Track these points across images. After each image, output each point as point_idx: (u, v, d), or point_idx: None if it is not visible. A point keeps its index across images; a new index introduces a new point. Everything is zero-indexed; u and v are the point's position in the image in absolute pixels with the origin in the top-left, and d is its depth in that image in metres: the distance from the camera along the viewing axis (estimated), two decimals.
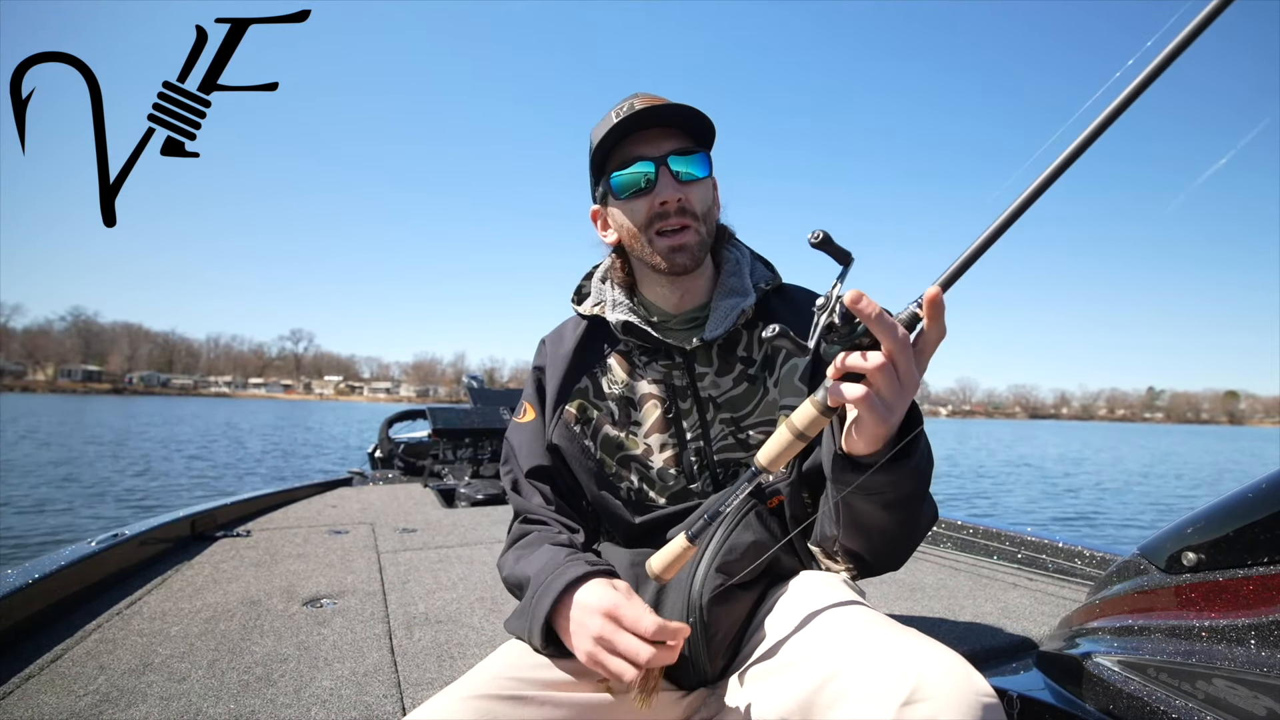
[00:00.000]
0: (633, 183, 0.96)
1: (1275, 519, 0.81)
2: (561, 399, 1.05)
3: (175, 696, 1.37)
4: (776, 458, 0.73)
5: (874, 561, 0.90)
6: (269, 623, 1.82)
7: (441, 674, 1.51)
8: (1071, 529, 9.98)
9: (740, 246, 1.10)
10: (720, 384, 1.01)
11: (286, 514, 3.43)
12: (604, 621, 0.77)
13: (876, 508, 0.79)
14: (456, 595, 2.12)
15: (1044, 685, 1.03)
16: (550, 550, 0.93)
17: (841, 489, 0.79)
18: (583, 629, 0.79)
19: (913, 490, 0.79)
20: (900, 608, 2.00)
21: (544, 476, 1.05)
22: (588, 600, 0.81)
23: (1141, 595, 0.98)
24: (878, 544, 0.86)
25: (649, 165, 0.95)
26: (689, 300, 1.04)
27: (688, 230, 0.97)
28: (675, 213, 0.96)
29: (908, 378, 0.67)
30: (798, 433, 0.71)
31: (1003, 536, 2.59)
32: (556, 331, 1.13)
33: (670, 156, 0.95)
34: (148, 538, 2.39)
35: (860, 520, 0.82)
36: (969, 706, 0.61)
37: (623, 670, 0.74)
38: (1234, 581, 0.85)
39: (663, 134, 0.96)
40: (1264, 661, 0.75)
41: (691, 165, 0.97)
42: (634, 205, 0.97)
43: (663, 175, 0.95)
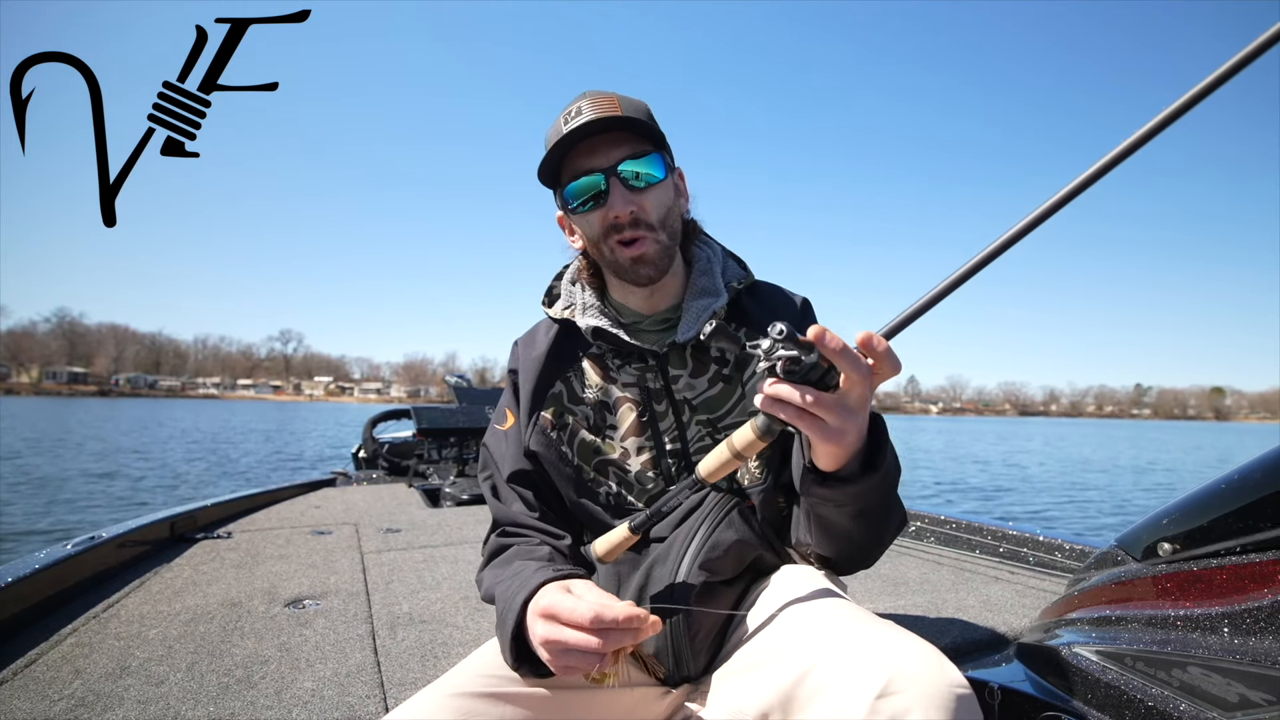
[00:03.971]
0: (583, 196, 0.94)
1: (1246, 510, 0.83)
2: (536, 405, 1.03)
3: (153, 700, 1.35)
4: (715, 471, 0.76)
5: (843, 564, 0.93)
6: (250, 624, 1.80)
7: (425, 674, 1.50)
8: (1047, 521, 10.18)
9: (711, 243, 1.08)
10: (695, 385, 1.00)
11: (268, 515, 3.40)
12: (544, 624, 0.75)
13: (846, 518, 0.81)
14: (441, 595, 2.10)
15: (1024, 676, 1.04)
16: (518, 565, 0.91)
17: (812, 501, 0.81)
18: (534, 638, 0.77)
19: (881, 500, 0.81)
20: (884, 602, 2.01)
21: (525, 482, 1.03)
22: (532, 608, 0.79)
23: (1119, 586, 0.99)
24: (846, 549, 0.89)
25: (599, 178, 0.92)
26: (661, 301, 1.03)
27: (644, 241, 0.94)
28: (629, 225, 0.93)
29: (859, 404, 0.69)
30: (735, 452, 0.74)
31: (984, 531, 2.62)
32: (529, 334, 1.11)
33: (621, 165, 0.92)
34: (126, 540, 2.36)
35: (830, 529, 0.85)
36: (942, 698, 0.61)
37: (582, 665, 0.72)
38: (1207, 571, 0.86)
39: (613, 140, 0.92)
40: (1236, 648, 0.77)
41: (645, 170, 0.93)
42: (589, 218, 0.95)
43: (614, 187, 0.92)
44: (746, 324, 1.02)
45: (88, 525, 6.86)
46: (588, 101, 0.93)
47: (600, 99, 0.93)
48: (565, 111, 0.94)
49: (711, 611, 0.88)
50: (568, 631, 0.72)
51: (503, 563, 0.96)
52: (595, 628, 0.71)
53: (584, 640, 0.71)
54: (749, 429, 0.73)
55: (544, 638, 0.74)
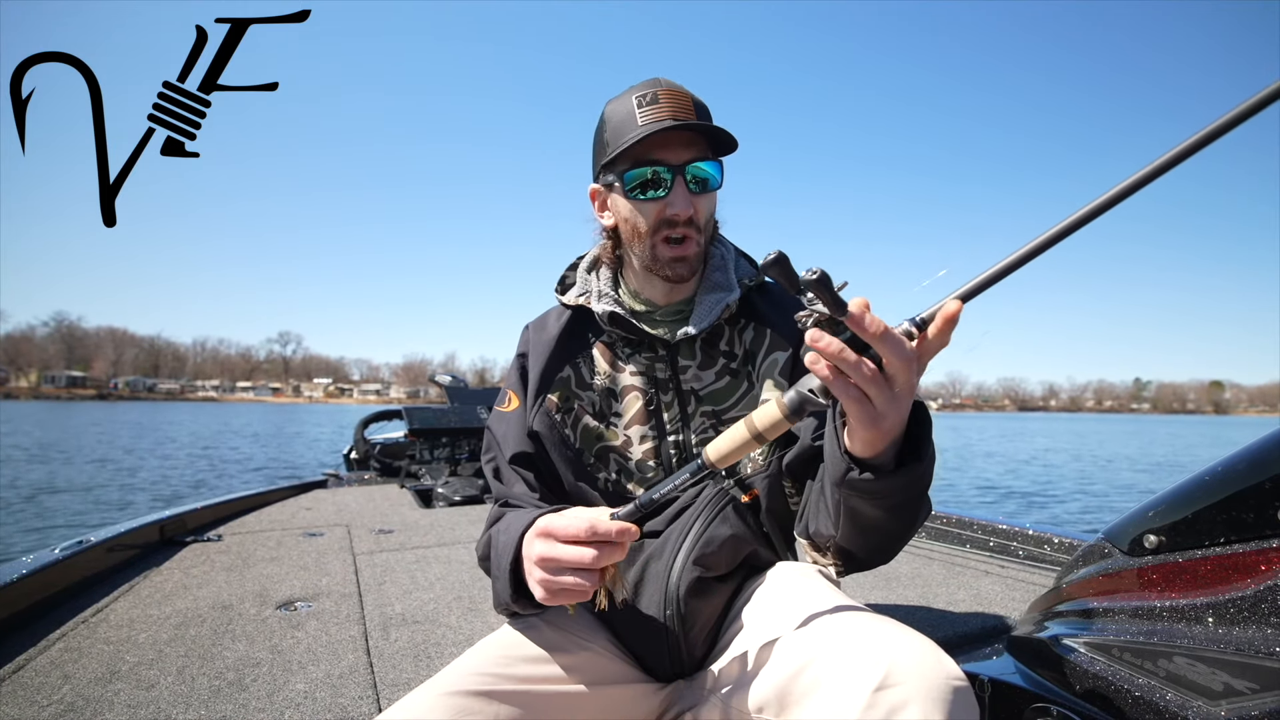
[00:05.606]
0: (648, 186, 0.94)
1: (1230, 501, 0.83)
2: (544, 388, 1.04)
3: (143, 704, 1.34)
4: (727, 455, 0.69)
5: (865, 559, 0.88)
6: (241, 627, 1.79)
7: (418, 674, 1.50)
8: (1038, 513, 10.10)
9: (725, 243, 1.09)
10: (703, 377, 1.01)
11: (259, 517, 3.37)
12: (541, 542, 0.76)
13: (880, 510, 0.76)
14: (434, 595, 2.10)
15: (1014, 669, 1.04)
16: (513, 513, 0.93)
17: (845, 493, 0.75)
18: (528, 560, 0.79)
19: (919, 493, 0.77)
20: (876, 596, 2.02)
21: (527, 464, 1.04)
22: (529, 533, 0.80)
23: (1106, 578, 0.99)
24: (874, 541, 0.83)
25: (667, 173, 0.93)
26: (676, 293, 1.03)
27: (689, 242, 0.96)
28: (683, 224, 0.95)
29: (905, 390, 0.63)
30: (756, 433, 0.67)
31: (975, 525, 2.63)
32: (540, 319, 1.12)
33: (690, 165, 0.93)
34: (115, 544, 2.34)
35: (860, 521, 0.79)
36: (940, 690, 0.62)
37: (577, 585, 0.73)
38: (1192, 562, 0.86)
39: (688, 139, 0.94)
40: (1220, 638, 0.77)
41: (709, 175, 0.96)
42: (643, 207, 0.95)
43: (678, 186, 0.93)
44: (756, 320, 1.03)
45: (76, 530, 6.83)
46: (665, 91, 0.93)
47: (678, 93, 0.93)
48: (639, 94, 0.93)
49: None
50: (562, 548, 0.74)
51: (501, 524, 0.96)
52: (590, 540, 0.72)
53: (578, 554, 0.72)
54: (774, 406, 0.66)
55: (540, 555, 0.75)
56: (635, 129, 0.91)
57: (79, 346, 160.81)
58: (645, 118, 0.91)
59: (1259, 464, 0.81)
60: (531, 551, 0.78)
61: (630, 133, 0.91)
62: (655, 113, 0.91)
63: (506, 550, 0.84)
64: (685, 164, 0.92)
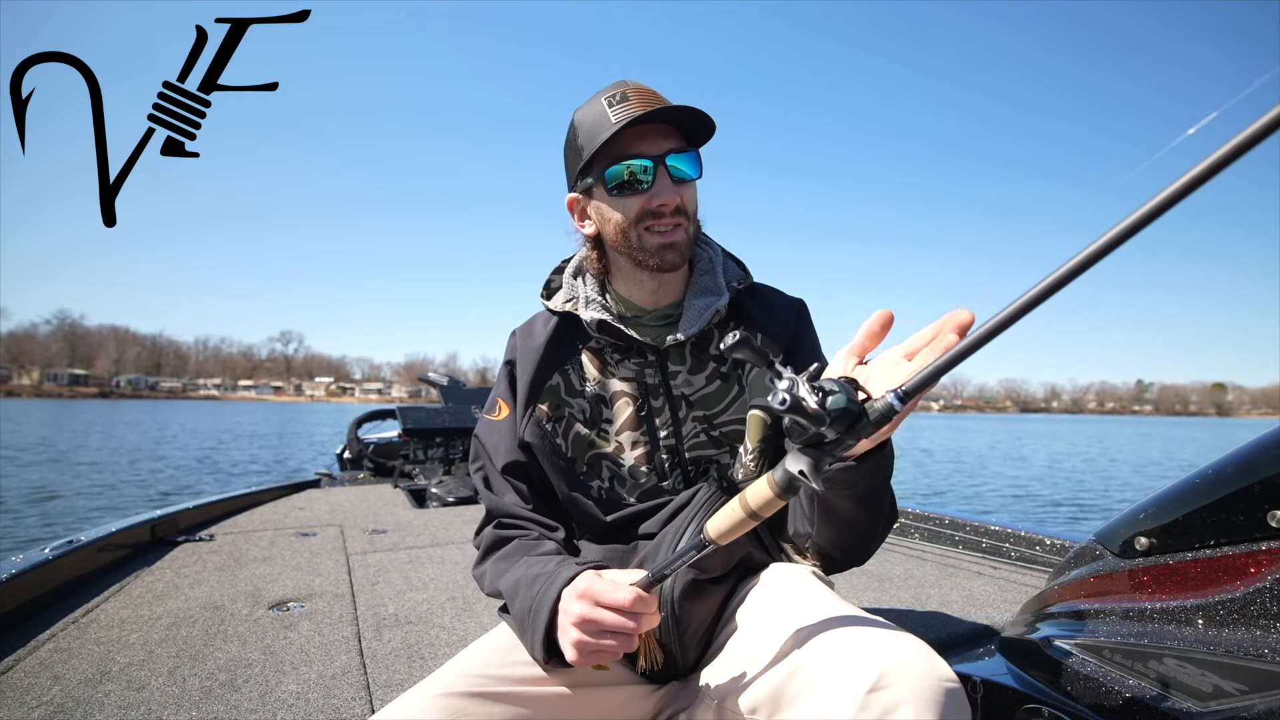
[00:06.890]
0: (629, 180, 0.94)
1: (1219, 504, 0.84)
2: (533, 397, 1.03)
3: (134, 705, 1.34)
4: (726, 533, 0.70)
5: (842, 557, 0.92)
6: (233, 628, 1.78)
7: (411, 675, 1.50)
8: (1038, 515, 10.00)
9: (711, 244, 1.09)
10: (693, 382, 1.00)
11: (251, 517, 3.36)
12: (581, 604, 0.77)
13: (849, 500, 0.80)
14: (427, 596, 2.09)
15: (1006, 670, 1.05)
16: (535, 560, 0.92)
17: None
18: (565, 615, 0.79)
19: (881, 478, 0.81)
20: (869, 598, 2.02)
21: (519, 474, 1.03)
22: (569, 590, 0.81)
23: (1097, 580, 1.00)
24: (847, 536, 0.87)
25: (647, 163, 0.93)
26: (664, 296, 1.03)
27: (679, 229, 0.96)
28: (671, 213, 0.95)
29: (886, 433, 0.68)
30: (750, 512, 0.68)
31: (968, 526, 2.65)
32: (527, 325, 1.11)
33: (669, 155, 0.93)
34: (106, 544, 2.33)
35: (833, 514, 0.84)
36: (932, 691, 0.62)
37: (615, 648, 0.76)
38: (1182, 565, 0.87)
39: (663, 130, 0.94)
40: (1210, 640, 0.78)
41: (687, 165, 0.96)
42: (626, 201, 0.95)
43: (660, 176, 0.93)
44: (746, 323, 1.03)
45: (67, 530, 6.81)
46: (633, 89, 0.94)
47: (646, 90, 0.94)
48: (607, 95, 0.94)
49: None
50: (605, 613, 0.75)
51: (506, 556, 0.96)
52: (633, 610, 0.74)
53: (622, 622, 0.74)
54: (766, 485, 0.66)
55: (582, 617, 0.76)
56: (610, 126, 0.91)
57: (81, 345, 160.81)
58: (618, 114, 0.91)
59: (1248, 467, 0.82)
60: (571, 610, 0.78)
61: (605, 131, 0.91)
62: (628, 109, 0.91)
63: (542, 607, 0.82)
64: (665, 154, 0.93)
